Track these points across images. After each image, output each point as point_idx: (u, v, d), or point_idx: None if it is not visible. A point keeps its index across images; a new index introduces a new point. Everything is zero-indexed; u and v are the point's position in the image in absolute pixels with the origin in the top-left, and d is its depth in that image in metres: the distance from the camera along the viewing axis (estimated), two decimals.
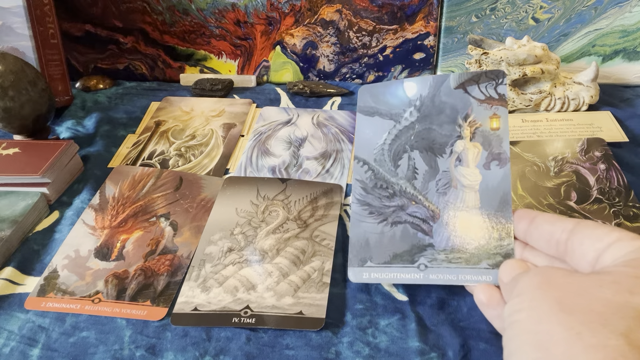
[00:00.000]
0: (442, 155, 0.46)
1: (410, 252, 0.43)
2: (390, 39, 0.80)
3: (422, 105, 0.47)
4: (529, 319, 0.29)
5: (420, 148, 0.47)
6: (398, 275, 0.43)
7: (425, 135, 0.46)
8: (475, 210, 0.43)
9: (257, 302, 0.46)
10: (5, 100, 0.61)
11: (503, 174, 0.43)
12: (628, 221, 0.53)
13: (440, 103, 0.47)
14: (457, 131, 0.45)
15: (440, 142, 0.46)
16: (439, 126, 0.46)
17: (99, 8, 0.81)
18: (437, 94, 0.47)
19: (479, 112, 0.45)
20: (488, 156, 0.44)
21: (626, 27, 0.75)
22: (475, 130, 0.45)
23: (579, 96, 0.70)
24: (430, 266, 0.42)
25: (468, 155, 0.44)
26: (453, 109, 0.46)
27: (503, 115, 0.44)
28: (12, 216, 0.55)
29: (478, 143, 0.45)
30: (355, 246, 0.45)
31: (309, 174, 0.62)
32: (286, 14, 0.80)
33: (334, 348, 0.43)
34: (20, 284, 0.50)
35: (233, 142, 0.69)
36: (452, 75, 0.47)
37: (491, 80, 0.46)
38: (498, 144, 0.44)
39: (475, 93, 0.46)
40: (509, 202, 0.42)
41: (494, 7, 0.76)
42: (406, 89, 0.48)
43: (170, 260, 0.51)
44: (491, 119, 0.45)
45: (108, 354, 0.43)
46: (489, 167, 0.43)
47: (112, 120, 0.75)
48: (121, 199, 0.59)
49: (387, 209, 0.45)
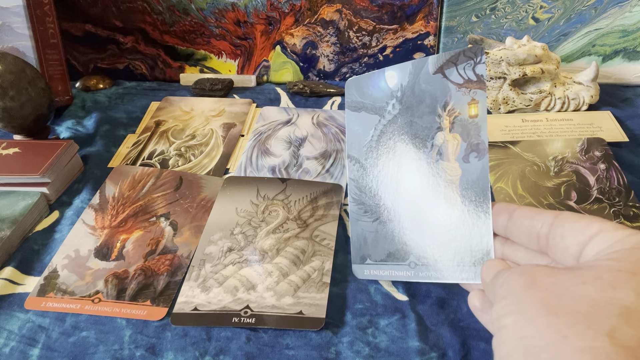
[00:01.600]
0: (424, 148, 0.45)
1: (402, 250, 0.45)
2: (390, 38, 0.80)
3: (403, 96, 0.47)
4: (516, 324, 0.29)
5: (404, 141, 0.47)
6: (393, 272, 0.45)
7: (407, 129, 0.47)
8: (457, 206, 0.43)
9: (257, 302, 0.46)
10: (5, 100, 0.61)
11: (482, 167, 0.42)
12: (628, 221, 0.53)
13: (420, 92, 0.46)
14: (437, 122, 0.45)
15: (421, 135, 0.46)
16: (420, 118, 0.46)
17: (99, 8, 0.81)
18: (417, 81, 0.47)
19: (457, 99, 0.44)
20: (467, 148, 0.43)
21: (626, 27, 0.75)
22: (454, 119, 0.44)
23: (579, 96, 0.70)
24: (419, 264, 0.43)
25: (448, 148, 0.44)
26: (432, 98, 0.46)
27: (481, 99, 0.43)
28: (12, 216, 0.55)
29: (457, 134, 0.44)
30: (355, 244, 0.47)
31: (309, 174, 0.62)
32: (286, 14, 0.80)
33: (334, 348, 0.43)
34: (20, 283, 0.50)
35: (233, 142, 0.69)
36: (431, 58, 0.45)
37: (469, 59, 0.44)
38: (476, 133, 0.43)
39: (454, 77, 0.45)
40: (488, 196, 0.41)
41: (494, 7, 0.76)
42: (387, 78, 0.48)
43: (170, 260, 0.51)
44: (469, 106, 0.44)
45: (108, 354, 0.43)
46: (468, 159, 0.43)
47: (112, 120, 0.75)
48: (121, 198, 0.59)
49: (379, 208, 0.47)
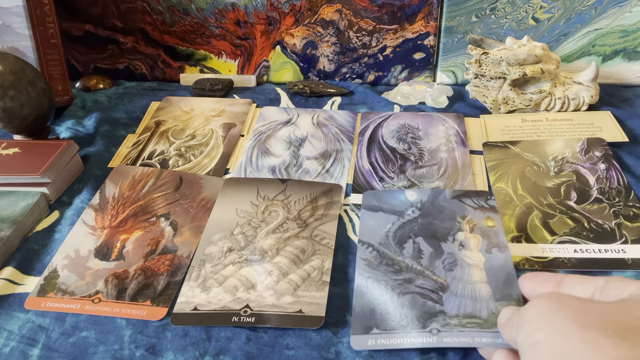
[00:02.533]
0: (445, 241, 0.50)
1: (420, 319, 0.43)
2: (390, 38, 0.80)
3: (422, 207, 0.54)
4: (549, 338, 0.29)
5: (424, 235, 0.51)
6: (406, 340, 0.42)
7: (428, 226, 0.52)
8: (484, 284, 0.45)
9: (256, 301, 0.46)
10: (5, 100, 0.61)
11: (505, 257, 0.47)
12: (628, 221, 0.53)
13: (439, 206, 0.54)
14: (457, 226, 0.51)
15: (442, 232, 0.51)
16: (441, 221, 0.52)
17: (99, 8, 0.81)
18: (435, 200, 0.55)
19: (474, 215, 0.53)
20: (488, 244, 0.49)
21: (626, 27, 0.75)
22: (473, 226, 0.51)
23: (579, 96, 0.70)
24: (443, 330, 0.42)
25: (470, 242, 0.49)
26: (451, 211, 0.53)
27: (496, 217, 0.52)
28: (12, 216, 0.55)
29: (477, 235, 0.50)
30: (359, 315, 0.44)
31: (309, 174, 0.62)
32: (286, 14, 0.80)
33: (334, 348, 0.43)
34: (20, 283, 0.50)
35: (233, 142, 0.69)
36: (447, 190, 0.56)
37: (481, 196, 0.55)
38: (495, 236, 0.50)
39: (469, 203, 0.54)
40: (515, 278, 0.45)
41: (494, 7, 0.76)
42: (407, 195, 0.56)
43: (170, 260, 0.51)
44: (486, 220, 0.52)
45: (108, 354, 0.43)
46: (491, 252, 0.48)
47: (112, 120, 0.75)
48: (121, 198, 0.59)
49: (395, 282, 0.46)
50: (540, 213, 0.55)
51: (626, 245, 0.50)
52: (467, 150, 0.65)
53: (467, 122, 0.71)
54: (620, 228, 0.52)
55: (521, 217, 0.54)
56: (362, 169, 0.63)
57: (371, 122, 0.71)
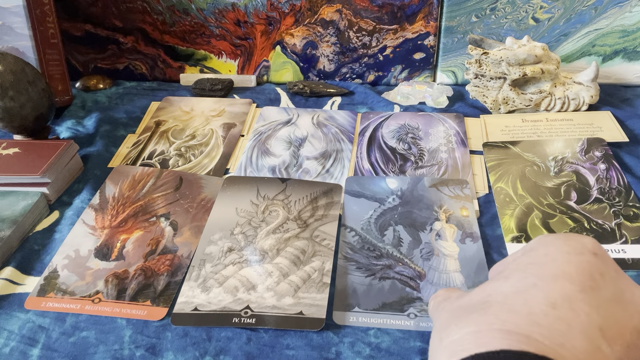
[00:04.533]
0: (423, 231, 0.53)
1: (400, 303, 0.46)
2: (390, 38, 0.80)
3: (402, 195, 0.57)
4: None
5: (404, 224, 0.54)
6: (387, 320, 0.45)
7: (408, 215, 0.55)
8: (457, 273, 0.49)
9: (257, 302, 0.46)
10: (5, 100, 0.61)
11: (477, 247, 0.51)
12: (628, 221, 0.53)
13: (418, 195, 0.57)
14: (435, 215, 0.55)
15: (420, 222, 0.54)
16: (419, 210, 0.55)
17: (99, 8, 0.81)
18: (415, 188, 0.58)
19: (450, 204, 0.56)
20: (462, 234, 0.52)
21: (626, 27, 0.75)
22: (449, 216, 0.54)
23: (579, 96, 0.70)
24: (419, 315, 0.45)
25: (446, 233, 0.53)
26: (429, 200, 0.56)
27: (470, 207, 0.55)
28: (12, 216, 0.55)
29: (453, 225, 0.53)
30: (341, 293, 0.47)
31: (309, 174, 0.62)
32: (286, 14, 0.80)
33: (335, 348, 0.43)
34: (20, 283, 0.50)
35: (233, 142, 0.69)
36: (426, 178, 0.59)
37: (457, 185, 0.58)
38: (469, 226, 0.53)
39: (446, 192, 0.57)
40: (485, 267, 0.49)
41: (494, 7, 0.76)
42: (388, 182, 0.59)
43: (170, 260, 0.51)
44: (461, 209, 0.55)
45: (108, 354, 0.43)
46: (464, 242, 0.52)
47: (112, 120, 0.75)
48: (121, 198, 0.59)
49: (375, 267, 0.50)
50: (540, 213, 0.55)
51: (626, 245, 0.50)
52: (467, 151, 0.65)
53: (467, 122, 0.71)
54: (620, 228, 0.52)
55: (521, 217, 0.54)
56: (362, 169, 0.63)
57: (371, 122, 0.71)
